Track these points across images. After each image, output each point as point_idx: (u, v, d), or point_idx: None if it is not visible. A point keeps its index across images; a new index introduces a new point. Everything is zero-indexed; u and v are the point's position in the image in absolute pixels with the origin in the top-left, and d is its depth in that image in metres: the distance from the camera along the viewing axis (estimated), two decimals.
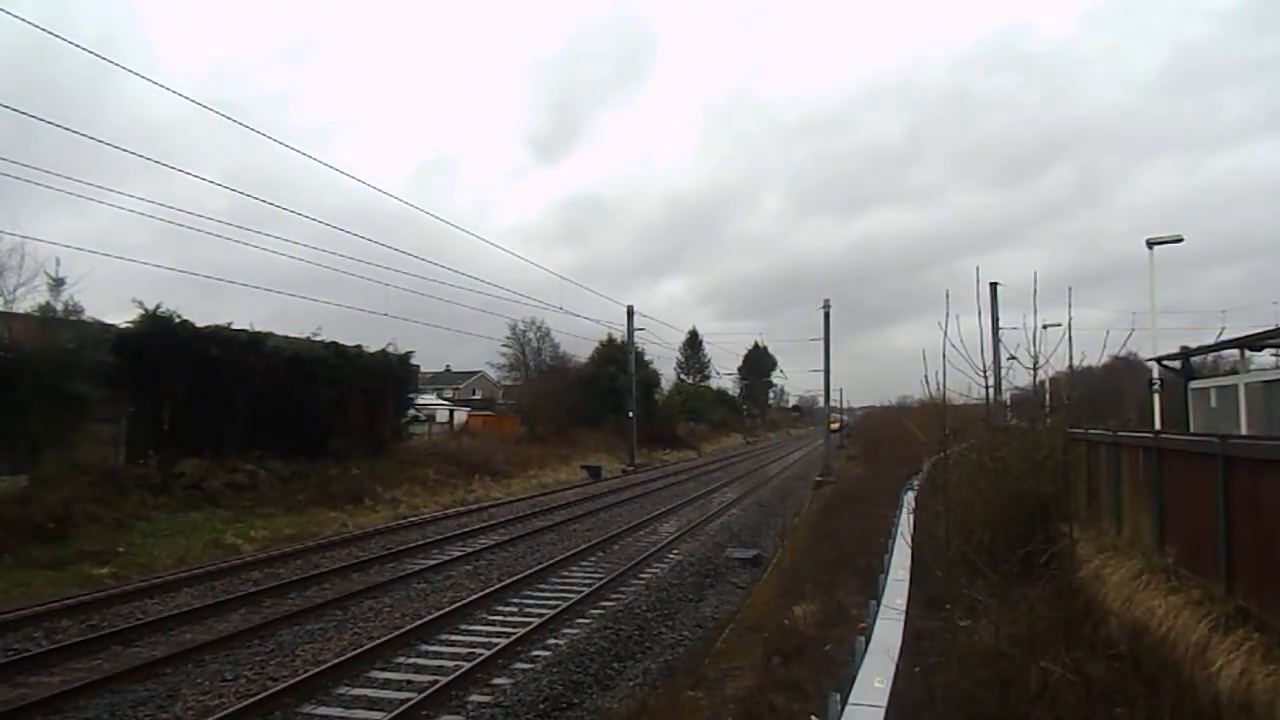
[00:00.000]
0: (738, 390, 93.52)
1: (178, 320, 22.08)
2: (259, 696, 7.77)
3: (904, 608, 7.18)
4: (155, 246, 54.58)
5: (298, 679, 8.30)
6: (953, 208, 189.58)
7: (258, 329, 24.56)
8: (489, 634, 10.45)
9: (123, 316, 21.80)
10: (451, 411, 48.37)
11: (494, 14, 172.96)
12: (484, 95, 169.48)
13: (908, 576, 8.47)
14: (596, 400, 50.67)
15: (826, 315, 39.18)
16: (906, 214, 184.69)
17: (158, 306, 21.93)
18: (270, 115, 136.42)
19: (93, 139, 12.06)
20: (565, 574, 14.61)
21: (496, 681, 8.62)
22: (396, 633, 10.11)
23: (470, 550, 16.70)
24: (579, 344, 57.51)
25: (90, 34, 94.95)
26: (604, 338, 53.21)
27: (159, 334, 21.53)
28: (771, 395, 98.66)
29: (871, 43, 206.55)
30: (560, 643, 10.14)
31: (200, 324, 22.62)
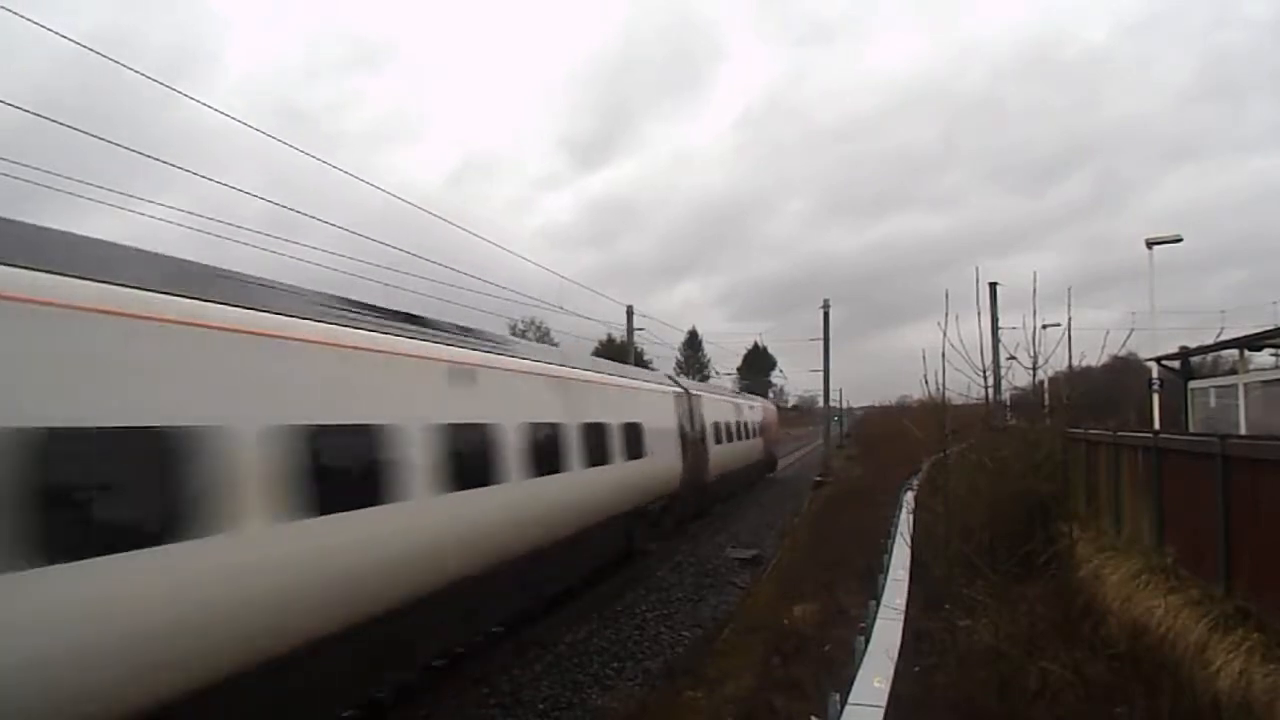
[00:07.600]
0: (737, 390, 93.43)
1: None
2: None
3: (903, 607, 7.19)
4: (191, 249, 54.57)
5: None
6: (973, 212, 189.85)
7: None
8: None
9: None
10: None
11: (544, 22, 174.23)
12: (528, 102, 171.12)
13: (907, 576, 8.48)
14: None
15: (826, 315, 39.25)
16: (927, 218, 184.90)
17: None
18: (333, 118, 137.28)
19: (116, 144, 11.83)
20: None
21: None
22: None
23: None
24: (578, 344, 57.42)
25: (167, 36, 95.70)
26: (603, 338, 53.11)
27: None
28: (770, 395, 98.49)
29: (911, 50, 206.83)
30: (560, 643, 10.17)
31: None
